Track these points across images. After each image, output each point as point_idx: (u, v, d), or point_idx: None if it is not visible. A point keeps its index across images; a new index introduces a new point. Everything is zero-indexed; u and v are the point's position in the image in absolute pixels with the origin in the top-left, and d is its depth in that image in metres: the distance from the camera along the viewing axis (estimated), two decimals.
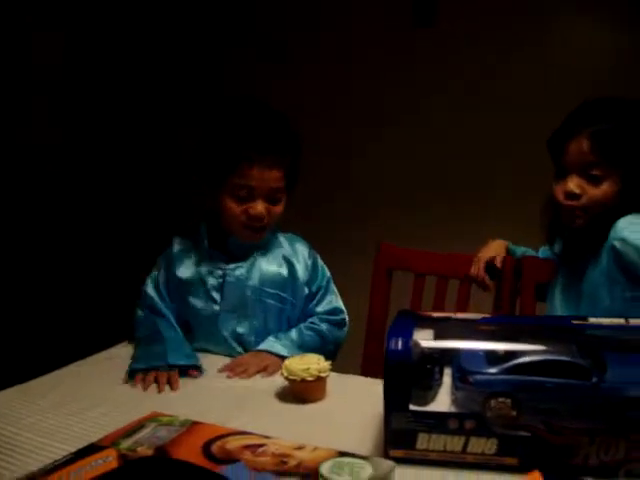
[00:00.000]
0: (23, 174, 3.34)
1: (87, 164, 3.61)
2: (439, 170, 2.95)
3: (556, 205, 1.55)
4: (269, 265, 1.70)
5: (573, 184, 1.50)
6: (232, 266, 1.68)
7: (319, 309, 1.75)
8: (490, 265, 1.72)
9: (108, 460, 0.81)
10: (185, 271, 1.70)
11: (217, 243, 1.71)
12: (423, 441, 1.06)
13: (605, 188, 1.47)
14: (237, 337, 1.68)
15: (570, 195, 1.50)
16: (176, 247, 1.74)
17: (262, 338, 1.67)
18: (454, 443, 1.05)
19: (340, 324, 1.77)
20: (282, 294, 1.70)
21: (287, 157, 1.63)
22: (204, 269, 1.69)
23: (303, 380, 1.36)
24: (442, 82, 2.93)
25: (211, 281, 1.67)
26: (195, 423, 0.90)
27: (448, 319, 1.22)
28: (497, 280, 1.71)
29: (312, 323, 1.73)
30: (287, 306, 1.71)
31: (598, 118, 1.48)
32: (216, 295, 1.67)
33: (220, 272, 1.67)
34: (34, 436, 1.19)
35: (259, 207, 1.61)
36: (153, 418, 0.93)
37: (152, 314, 1.70)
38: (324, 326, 1.73)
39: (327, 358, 1.44)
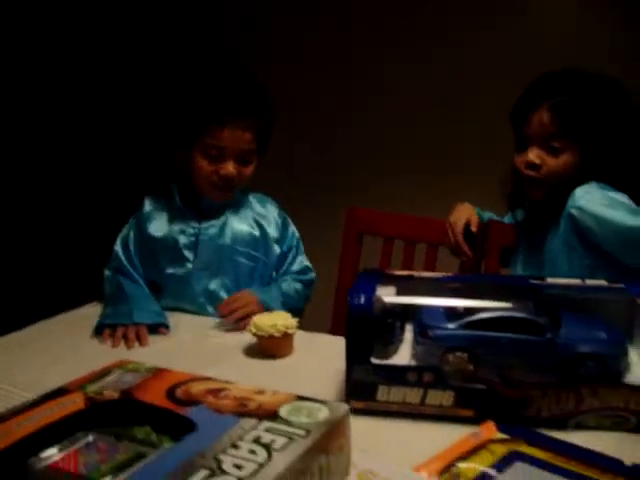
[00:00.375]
0: None
1: (60, 124, 3.60)
2: (408, 136, 2.97)
3: (517, 175, 1.59)
4: (240, 224, 1.72)
5: (533, 155, 1.53)
6: (205, 225, 1.70)
7: (293, 268, 1.78)
8: (466, 231, 1.73)
9: (75, 402, 0.84)
10: (157, 230, 1.71)
11: (189, 203, 1.72)
12: (383, 393, 1.09)
13: (564, 159, 1.50)
14: (209, 295, 1.70)
15: (530, 165, 1.53)
16: (147, 207, 1.75)
17: None
18: (413, 395, 1.09)
19: (310, 283, 1.81)
20: (253, 252, 1.73)
21: (259, 120, 1.65)
22: (176, 228, 1.70)
23: (271, 336, 1.39)
24: (409, 49, 2.94)
25: (183, 240, 1.69)
26: (160, 369, 0.93)
27: (411, 277, 1.25)
28: (472, 246, 1.74)
29: (288, 281, 1.75)
30: (259, 264, 1.74)
31: (559, 90, 1.51)
32: (189, 254, 1.69)
33: (193, 231, 1.69)
34: (3, 385, 1.22)
35: (229, 167, 1.63)
36: (119, 365, 0.96)
37: (117, 273, 1.72)
38: (298, 285, 1.76)
39: (297, 315, 1.48)
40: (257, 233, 1.73)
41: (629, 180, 1.48)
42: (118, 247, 1.74)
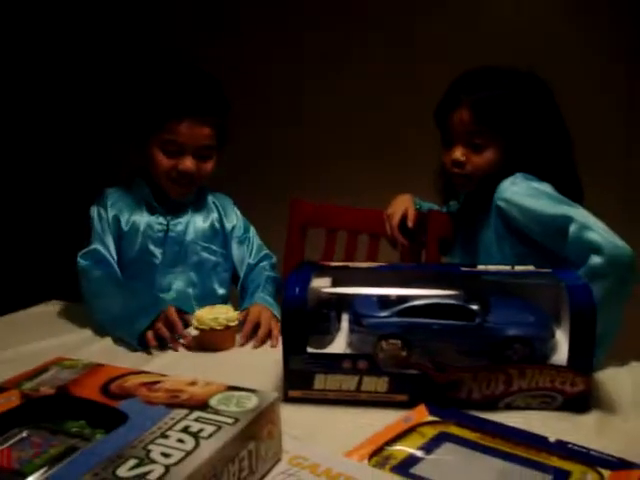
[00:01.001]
0: None
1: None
2: (350, 127, 3.00)
3: (445, 171, 1.63)
4: (203, 220, 1.75)
5: (458, 152, 1.56)
6: (173, 221, 1.71)
7: (262, 260, 1.81)
8: (403, 223, 1.76)
9: (11, 399, 0.85)
10: (124, 225, 1.69)
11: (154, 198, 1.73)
12: (320, 381, 1.12)
13: (487, 156, 1.54)
14: (173, 290, 1.71)
15: (456, 163, 1.57)
16: (111, 200, 1.72)
17: (199, 291, 1.74)
18: (348, 383, 1.12)
19: (276, 265, 1.85)
20: (216, 248, 1.76)
21: (217, 116, 1.67)
22: (143, 222, 1.69)
23: (212, 329, 1.41)
24: (351, 35, 2.97)
25: (151, 235, 1.69)
26: (97, 365, 0.94)
27: (346, 268, 1.28)
28: (409, 238, 1.77)
29: (264, 275, 1.77)
30: (220, 259, 1.76)
31: (477, 88, 1.54)
32: (155, 249, 1.69)
33: (161, 227, 1.70)
34: None
35: (187, 163, 1.63)
36: (57, 362, 0.97)
37: (108, 272, 1.65)
38: (271, 273, 1.79)
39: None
40: (218, 228, 1.76)
41: (552, 170, 1.53)
42: (98, 245, 1.67)
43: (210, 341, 1.43)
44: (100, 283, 1.61)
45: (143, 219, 1.70)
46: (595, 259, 1.29)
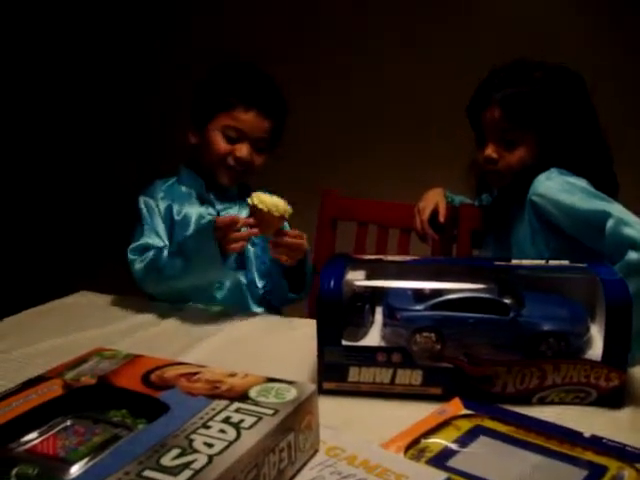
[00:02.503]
0: None
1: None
2: (382, 120, 3.00)
3: (479, 167, 1.63)
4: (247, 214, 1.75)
5: (491, 150, 1.56)
6: (224, 213, 1.74)
7: None
8: (433, 217, 1.77)
9: (53, 389, 0.87)
10: (176, 215, 1.72)
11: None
12: (354, 374, 1.13)
13: (520, 153, 1.54)
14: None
15: (488, 160, 1.57)
16: (162, 191, 1.76)
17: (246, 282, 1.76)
18: (383, 375, 1.12)
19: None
20: (256, 240, 1.75)
21: (279, 112, 1.73)
22: (195, 214, 1.72)
23: (270, 212, 1.47)
24: (379, 26, 2.96)
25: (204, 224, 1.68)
26: (137, 356, 0.96)
27: (379, 261, 1.29)
28: (440, 233, 1.77)
29: None
30: (260, 251, 1.78)
31: (506, 84, 1.54)
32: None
33: (212, 217, 1.69)
34: None
35: (245, 150, 1.68)
36: (97, 353, 0.98)
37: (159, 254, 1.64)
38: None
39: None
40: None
41: (588, 165, 1.52)
42: (149, 239, 1.68)
43: (263, 222, 1.49)
44: (158, 266, 1.61)
45: (194, 210, 1.73)
46: (632, 255, 1.29)
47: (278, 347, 1.42)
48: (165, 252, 1.61)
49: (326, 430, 0.88)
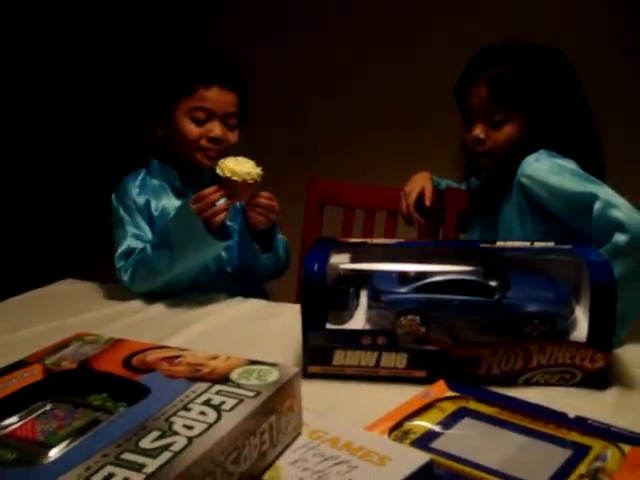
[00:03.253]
0: None
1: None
2: (367, 104, 2.99)
3: (467, 149, 1.63)
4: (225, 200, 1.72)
5: (478, 130, 1.56)
6: None
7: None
8: (420, 201, 1.76)
9: (34, 374, 0.86)
10: (154, 210, 1.70)
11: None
12: (339, 357, 1.12)
13: (507, 131, 1.54)
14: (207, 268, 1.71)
15: (476, 141, 1.57)
16: (136, 187, 1.72)
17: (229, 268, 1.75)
18: (368, 358, 1.12)
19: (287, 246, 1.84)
20: (236, 226, 1.73)
21: (241, 82, 1.70)
22: (172, 207, 1.69)
23: (244, 181, 1.47)
24: (376, 24, 2.94)
25: None
26: (118, 340, 0.95)
27: (364, 244, 1.28)
28: (426, 217, 1.77)
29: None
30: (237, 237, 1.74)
31: (493, 63, 1.54)
32: None
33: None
34: None
35: (217, 129, 1.66)
36: (78, 337, 0.97)
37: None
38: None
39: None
40: (238, 206, 1.71)
41: (576, 146, 1.52)
42: (132, 242, 1.66)
43: (237, 190, 1.50)
44: (145, 263, 1.60)
45: (171, 203, 1.71)
46: (619, 237, 1.29)
47: (263, 332, 1.41)
48: (149, 248, 1.60)
49: (310, 413, 0.87)
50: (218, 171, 1.50)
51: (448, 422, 0.93)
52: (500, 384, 1.08)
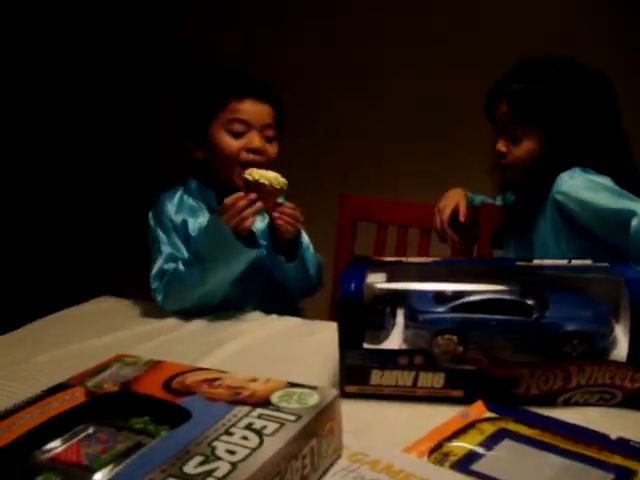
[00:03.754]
0: None
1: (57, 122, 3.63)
2: (399, 120, 2.98)
3: None
4: (260, 220, 1.72)
5: (500, 144, 1.59)
6: None
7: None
8: (454, 217, 1.76)
9: (75, 396, 0.87)
10: (192, 230, 1.70)
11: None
12: (376, 377, 1.12)
13: (525, 146, 1.56)
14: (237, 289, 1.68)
15: (498, 154, 1.59)
16: (174, 206, 1.72)
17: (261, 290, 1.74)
18: (405, 378, 1.11)
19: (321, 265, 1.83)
20: (263, 242, 1.71)
21: (273, 96, 1.71)
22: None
23: (272, 185, 1.49)
24: (408, 36, 2.94)
25: None
26: (157, 362, 0.96)
27: (400, 263, 1.28)
28: (460, 233, 1.77)
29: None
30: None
31: (513, 79, 1.56)
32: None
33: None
34: (6, 381, 1.26)
35: (256, 140, 1.65)
36: (118, 359, 0.99)
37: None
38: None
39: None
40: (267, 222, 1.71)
41: (610, 163, 1.51)
42: (165, 264, 1.65)
43: (264, 196, 1.51)
44: (178, 281, 1.61)
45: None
46: None
47: (298, 350, 1.41)
48: (181, 266, 1.61)
49: (348, 435, 0.87)
50: (246, 175, 1.51)
51: (488, 444, 0.92)
52: (539, 404, 1.07)
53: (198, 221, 1.71)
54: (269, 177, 1.50)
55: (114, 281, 1.83)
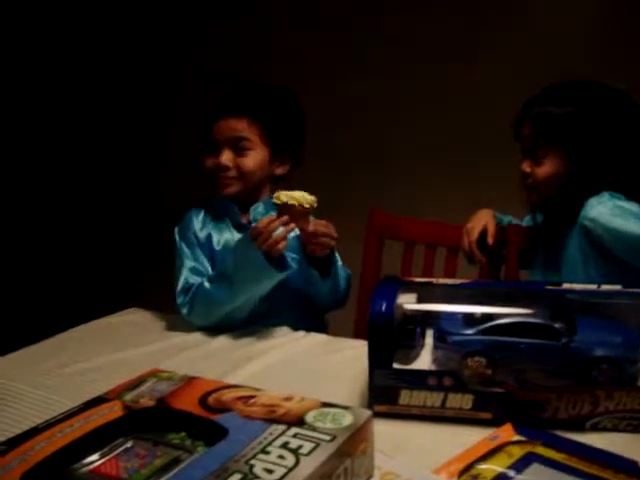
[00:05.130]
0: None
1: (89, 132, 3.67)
2: (429, 137, 2.98)
3: None
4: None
5: (525, 164, 1.61)
6: None
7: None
8: (482, 238, 1.76)
9: (113, 410, 0.89)
10: (216, 245, 1.73)
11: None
12: (405, 397, 1.13)
13: (547, 167, 1.58)
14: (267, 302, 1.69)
15: (523, 175, 1.61)
16: (199, 221, 1.76)
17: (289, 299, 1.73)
18: (433, 399, 1.13)
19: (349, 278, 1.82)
20: (297, 256, 1.70)
21: (256, 108, 1.72)
22: (234, 242, 1.70)
23: (301, 206, 1.50)
24: (435, 46, 2.94)
25: None
26: (192, 378, 0.98)
27: (429, 284, 1.29)
28: (488, 254, 1.77)
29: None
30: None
31: (539, 102, 1.59)
32: None
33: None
34: (43, 393, 1.28)
35: (222, 156, 1.68)
36: (153, 374, 1.00)
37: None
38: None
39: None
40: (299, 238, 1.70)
41: (636, 188, 1.52)
42: (191, 277, 1.69)
43: (294, 217, 1.52)
44: (205, 297, 1.63)
45: (233, 237, 1.72)
46: None
47: (326, 368, 1.42)
48: (207, 282, 1.63)
49: (379, 455, 0.88)
50: (274, 200, 1.53)
51: (517, 467, 0.93)
52: (566, 428, 1.08)
53: (224, 237, 1.74)
54: (297, 197, 1.51)
55: (143, 292, 1.85)
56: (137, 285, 3.23)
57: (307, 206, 1.52)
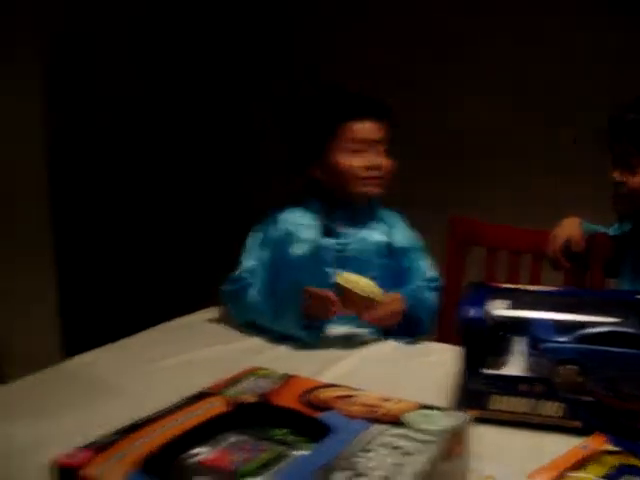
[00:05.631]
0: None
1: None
2: (511, 141, 2.96)
3: None
4: (377, 235, 1.75)
5: (616, 173, 1.59)
6: (348, 240, 1.73)
7: (430, 281, 1.78)
8: (567, 246, 1.76)
9: (216, 405, 0.93)
10: (298, 247, 1.72)
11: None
12: (495, 402, 1.15)
13: None
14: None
15: (615, 184, 1.59)
16: (280, 222, 1.77)
17: None
18: (523, 405, 1.14)
19: (439, 289, 1.81)
20: (383, 261, 1.73)
21: (387, 113, 1.75)
22: (316, 244, 1.71)
23: (369, 297, 1.50)
24: (518, 45, 2.92)
25: (326, 257, 1.71)
26: (290, 376, 1.01)
27: (518, 290, 1.30)
28: (573, 262, 1.76)
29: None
30: (389, 274, 1.73)
31: (630, 109, 1.58)
32: (330, 270, 1.66)
33: (339, 246, 1.72)
34: (140, 386, 1.33)
35: (376, 157, 1.70)
36: (251, 372, 1.04)
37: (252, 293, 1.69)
38: (428, 294, 1.75)
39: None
40: (389, 243, 1.74)
41: None
42: (245, 273, 1.73)
43: (355, 305, 1.52)
44: (243, 300, 1.68)
45: (317, 240, 1.72)
46: None
47: (412, 371, 1.44)
48: (251, 289, 1.68)
49: (474, 458, 0.90)
50: (339, 281, 1.51)
51: (610, 477, 0.93)
52: None
53: (302, 234, 1.73)
54: (362, 286, 1.50)
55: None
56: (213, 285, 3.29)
57: (371, 296, 1.50)
